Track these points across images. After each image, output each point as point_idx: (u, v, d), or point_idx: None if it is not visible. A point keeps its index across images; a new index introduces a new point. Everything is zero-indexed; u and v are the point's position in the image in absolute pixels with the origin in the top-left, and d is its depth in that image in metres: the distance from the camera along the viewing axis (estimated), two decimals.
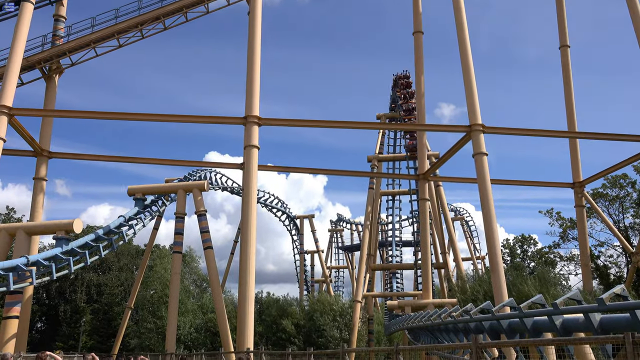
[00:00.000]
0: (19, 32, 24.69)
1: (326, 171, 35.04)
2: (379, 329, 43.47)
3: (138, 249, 67.12)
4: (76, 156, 31.75)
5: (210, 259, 29.81)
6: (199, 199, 30.89)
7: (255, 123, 24.01)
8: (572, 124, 33.05)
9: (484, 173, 23.08)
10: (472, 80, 24.85)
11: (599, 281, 44.36)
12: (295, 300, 51.93)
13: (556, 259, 52.73)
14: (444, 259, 40.21)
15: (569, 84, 34.17)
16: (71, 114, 27.61)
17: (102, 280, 62.94)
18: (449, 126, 30.24)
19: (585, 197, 32.93)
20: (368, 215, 39.05)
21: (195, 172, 40.41)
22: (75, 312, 60.19)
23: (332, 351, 14.86)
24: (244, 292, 22.10)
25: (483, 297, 26.47)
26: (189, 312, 44.50)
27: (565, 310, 9.13)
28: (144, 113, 25.96)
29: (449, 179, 36.57)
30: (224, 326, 27.60)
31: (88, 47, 30.07)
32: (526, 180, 33.82)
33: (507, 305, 11.48)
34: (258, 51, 25.26)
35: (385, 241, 49.91)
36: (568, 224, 49.01)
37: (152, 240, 40.73)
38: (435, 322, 14.99)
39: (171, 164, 30.69)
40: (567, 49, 34.81)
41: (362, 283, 37.74)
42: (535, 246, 57.73)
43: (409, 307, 29.84)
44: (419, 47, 32.07)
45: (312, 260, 68.52)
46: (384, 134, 43.87)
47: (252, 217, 23.14)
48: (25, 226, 25.41)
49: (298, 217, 65.10)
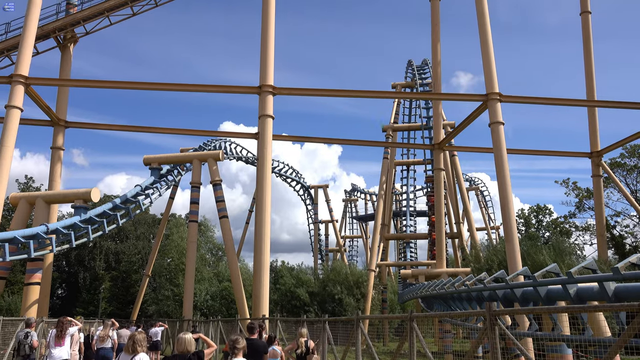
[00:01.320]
0: (33, 1, 24.63)
1: (341, 141, 34.87)
2: (393, 298, 43.93)
3: (154, 218, 68.07)
4: (92, 126, 32.02)
5: (225, 228, 30.15)
6: (214, 168, 31.08)
7: (270, 92, 23.90)
8: (591, 93, 32.42)
9: (500, 142, 22.85)
10: (490, 48, 24.37)
11: (614, 251, 44.15)
12: (310, 269, 52.50)
13: (571, 228, 52.48)
14: (458, 228, 40.25)
15: (589, 51, 33.39)
16: (87, 83, 27.72)
17: (120, 248, 64.12)
18: (465, 95, 29.85)
19: (602, 166, 32.53)
20: (382, 185, 39.04)
21: (210, 142, 40.57)
22: (95, 279, 61.62)
23: (346, 318, 15.10)
24: (259, 261, 22.39)
25: (497, 267, 26.57)
26: (205, 280, 45.29)
27: (580, 279, 9.16)
28: (158, 82, 25.90)
29: (465, 148, 36.27)
30: (239, 294, 28.08)
31: (102, 16, 29.97)
32: (543, 150, 33.43)
33: (521, 274, 11.52)
34: (272, 19, 24.96)
35: (399, 211, 50.02)
36: (584, 193, 48.59)
37: (168, 209, 41.22)
38: (449, 290, 15.13)
39: (186, 133, 30.78)
40: (588, 15, 33.89)
41: (376, 252, 38.00)
42: (551, 216, 57.43)
43: (422, 276, 30.05)
44: (436, 13, 31.46)
45: (326, 230, 69.06)
46: (399, 104, 43.47)
47: (267, 187, 23.26)
48: (44, 195, 25.85)
49: (312, 187, 65.32)
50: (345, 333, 14.12)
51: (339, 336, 14.70)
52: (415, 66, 42.72)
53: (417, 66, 42.91)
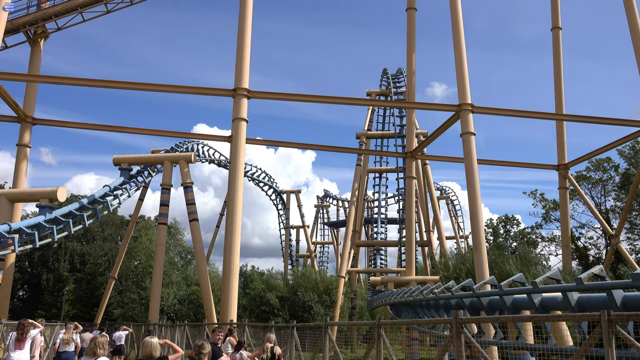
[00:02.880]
0: None
1: (314, 146, 34.86)
2: (362, 304, 44.07)
3: (123, 220, 66.89)
4: (61, 123, 31.25)
5: (195, 231, 29.81)
6: (186, 170, 30.74)
7: (245, 95, 23.79)
8: (559, 106, 33.26)
9: (471, 152, 23.19)
10: (463, 59, 24.77)
11: (579, 262, 45.28)
12: (280, 274, 52.27)
13: (538, 239, 53.64)
14: (428, 237, 40.70)
15: (559, 66, 34.28)
16: (57, 80, 27.08)
17: (85, 249, 62.78)
18: (438, 105, 30.27)
19: (569, 179, 33.35)
20: (355, 191, 39.22)
21: (182, 144, 40.14)
22: (58, 281, 60.14)
23: (314, 324, 15.07)
24: (229, 265, 22.19)
25: (465, 275, 26.95)
26: (173, 283, 44.65)
27: (545, 289, 9.35)
28: (131, 82, 25.48)
29: (437, 157, 36.76)
30: (207, 298, 27.76)
31: (75, 12, 29.40)
32: (512, 161, 34.06)
33: (488, 283, 11.69)
34: (249, 22, 24.88)
35: (370, 218, 50.30)
36: (551, 205, 49.77)
37: (137, 210, 40.59)
38: (417, 298, 15.25)
39: (158, 134, 30.35)
40: (559, 31, 34.80)
41: (347, 259, 38.11)
42: (518, 226, 58.60)
43: (391, 283, 30.24)
44: (412, 23, 31.86)
45: (297, 235, 68.92)
46: (374, 111, 43.83)
47: (238, 191, 23.11)
48: (8, 193, 25.14)
49: (285, 192, 65.20)
50: (313, 339, 14.09)
51: (306, 342, 14.67)
52: (390, 75, 43.15)
53: (392, 75, 43.35)
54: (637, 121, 27.76)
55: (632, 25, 27.59)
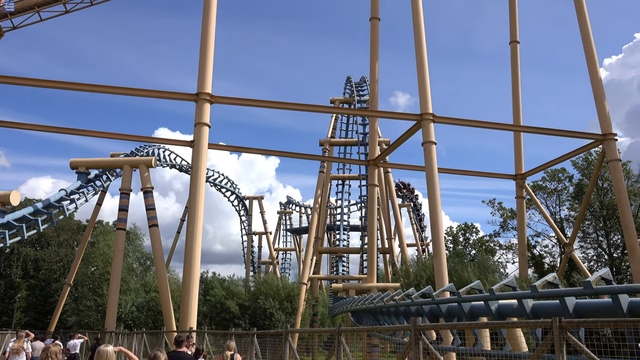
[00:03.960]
0: None
1: (278, 152, 34.78)
2: (324, 311, 44.06)
3: (80, 225, 64.99)
4: (16, 125, 30.09)
5: (155, 237, 29.26)
6: (146, 175, 30.17)
7: (207, 100, 23.55)
8: (517, 118, 34.21)
9: (432, 161, 23.57)
10: (425, 69, 25.21)
11: (534, 269, 46.50)
12: (241, 281, 51.76)
13: (496, 247, 54.79)
14: (389, 244, 41.10)
15: (517, 78, 35.29)
16: (11, 80, 26.12)
17: (39, 255, 60.71)
18: (400, 114, 30.71)
19: (525, 188, 34.29)
20: (317, 198, 39.31)
21: (143, 148, 39.40)
22: (10, 287, 57.89)
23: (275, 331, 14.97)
24: (189, 271, 21.84)
25: (426, 282, 27.25)
26: (131, 290, 43.61)
27: (501, 296, 9.54)
28: (91, 84, 24.89)
29: (399, 166, 37.18)
30: (167, 305, 27.25)
31: (32, 11, 28.59)
32: (471, 171, 34.81)
33: (447, 290, 11.88)
34: (212, 27, 24.68)
35: (333, 225, 50.46)
36: (508, 214, 50.96)
37: (94, 215, 39.58)
38: (378, 305, 15.33)
39: (118, 137, 29.64)
40: (517, 44, 35.84)
41: (309, 265, 38.09)
42: (477, 234, 59.76)
43: (353, 290, 30.37)
44: (375, 33, 32.24)
45: (259, 242, 68.52)
46: (337, 119, 44.08)
47: (199, 196, 22.81)
48: None
49: (247, 197, 64.80)
50: (274, 347, 13.98)
51: (267, 350, 14.54)
52: (353, 83, 43.55)
53: (355, 83, 43.75)
54: (590, 134, 28.83)
55: (585, 41, 28.70)
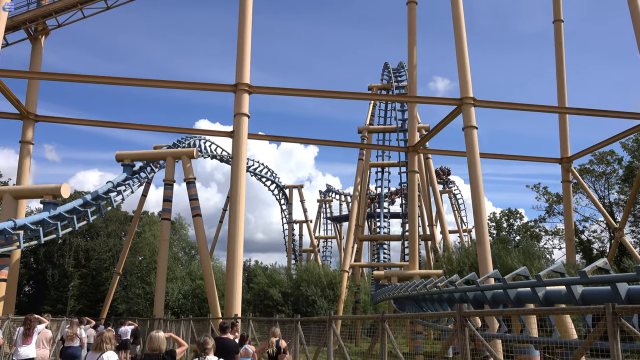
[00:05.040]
0: None
1: (316, 141, 34.86)
2: (365, 299, 44.13)
3: (126, 215, 67.06)
4: (63, 120, 31.25)
5: (199, 227, 29.85)
6: (188, 166, 30.74)
7: (246, 91, 23.74)
8: (562, 100, 33.11)
9: (474, 146, 23.13)
10: (465, 52, 24.66)
11: (582, 255, 45.25)
12: (283, 269, 52.36)
13: (541, 233, 53.57)
14: (431, 231, 40.66)
15: (561, 59, 34.10)
16: (58, 77, 27.03)
17: (90, 245, 62.98)
18: (440, 98, 30.17)
19: (572, 172, 33.24)
20: (357, 186, 39.19)
21: (184, 139, 40.12)
22: (64, 276, 60.38)
23: (318, 318, 15.10)
24: (233, 260, 22.22)
25: (469, 269, 26.92)
26: (177, 278, 44.77)
27: (549, 282, 9.31)
28: (133, 78, 25.47)
29: (439, 151, 36.62)
30: (212, 293, 27.83)
31: (75, 8, 29.35)
32: (515, 155, 33.97)
33: (491, 276, 11.67)
34: (249, 17, 24.80)
35: (373, 212, 50.27)
36: (554, 198, 49.68)
37: (140, 206, 40.64)
38: (421, 291, 15.24)
39: (160, 130, 30.36)
40: (561, 23, 34.61)
41: (350, 253, 38.12)
42: (521, 220, 58.51)
43: (395, 278, 30.25)
44: (413, 17, 31.70)
45: (300, 230, 68.98)
46: (375, 105, 43.70)
47: (241, 186, 23.10)
48: (12, 190, 25.19)
49: (287, 186, 65.19)
50: (318, 333, 14.11)
51: (311, 336, 14.69)
52: (391, 69, 42.99)
53: (393, 69, 43.19)
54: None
55: (635, 20, 27.42)
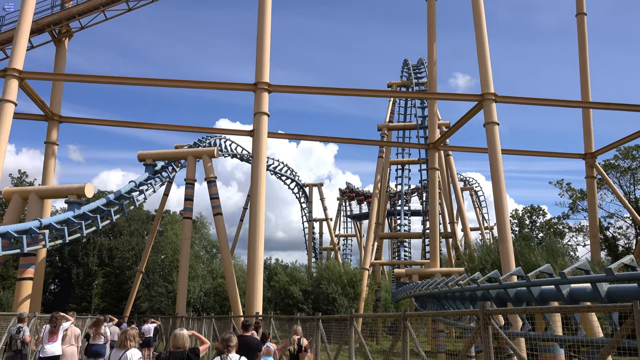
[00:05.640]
0: None
1: (336, 139, 34.83)
2: (386, 297, 44.01)
3: (149, 214, 67.86)
4: (87, 121, 31.80)
5: (219, 225, 30.07)
6: (209, 165, 30.99)
7: (265, 90, 23.83)
8: (585, 94, 32.52)
9: (495, 143, 22.87)
10: (486, 48, 24.40)
11: (607, 252, 44.43)
12: (304, 267, 52.50)
13: (565, 229, 52.76)
14: (452, 228, 40.34)
15: (584, 52, 33.49)
16: (82, 78, 27.50)
17: (113, 244, 63.91)
18: (461, 95, 29.91)
19: (596, 168, 32.64)
20: (377, 184, 39.07)
21: (205, 139, 40.44)
22: (88, 275, 61.38)
23: (340, 316, 15.09)
24: (253, 258, 22.35)
25: (490, 267, 26.62)
26: (199, 276, 45.18)
27: (573, 279, 9.17)
28: (154, 78, 25.79)
29: (460, 148, 36.31)
30: (233, 291, 28.03)
31: (97, 10, 29.78)
32: (537, 151, 33.49)
33: (514, 274, 11.53)
34: (268, 16, 24.88)
35: (393, 210, 50.09)
36: (578, 195, 48.87)
37: (162, 205, 41.09)
38: (443, 289, 15.14)
39: (181, 129, 30.68)
40: (584, 16, 33.99)
41: (370, 251, 38.03)
42: (544, 217, 57.68)
43: (416, 275, 30.11)
44: (432, 13, 31.47)
45: (320, 228, 69.03)
46: (395, 103, 43.50)
47: (261, 184, 23.21)
48: (38, 190, 25.68)
49: (307, 185, 65.27)
50: (339, 331, 14.11)
51: (332, 334, 14.69)
52: (411, 65, 42.76)
53: (412, 65, 42.95)
54: None
55: None
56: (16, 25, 24.52)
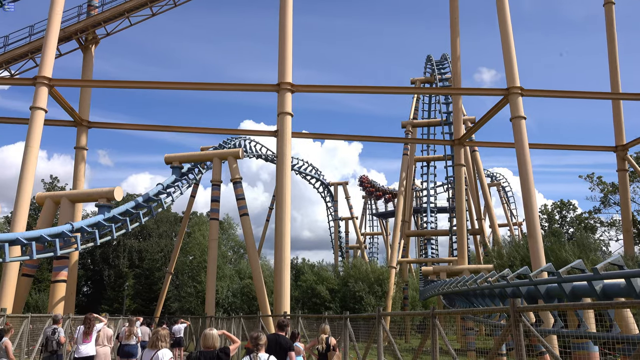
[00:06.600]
0: (55, 3, 24.98)
1: (360, 137, 34.89)
2: (414, 295, 43.71)
3: (176, 216, 68.75)
4: (114, 125, 32.43)
5: (246, 226, 30.26)
6: (234, 166, 31.22)
7: (289, 90, 23.91)
8: (615, 85, 31.76)
9: (522, 137, 22.52)
10: (510, 41, 24.03)
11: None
12: (330, 266, 52.50)
13: (596, 224, 51.58)
14: (479, 224, 39.86)
15: (613, 43, 32.69)
16: (108, 84, 28.06)
17: (142, 246, 64.91)
18: (485, 89, 29.53)
19: (628, 160, 31.84)
20: (402, 181, 38.82)
21: (230, 140, 40.72)
22: (119, 276, 62.49)
23: (368, 315, 15.06)
24: (280, 258, 22.45)
25: (520, 263, 26.23)
26: (227, 277, 45.59)
27: (606, 275, 8.95)
28: (178, 82, 26.13)
29: (486, 143, 35.84)
30: (261, 291, 28.20)
31: (122, 17, 30.30)
32: (566, 145, 32.84)
33: (545, 270, 11.33)
34: (290, 17, 24.95)
35: (419, 207, 49.71)
36: (609, 188, 47.70)
37: (189, 207, 41.55)
38: (472, 287, 14.97)
39: (207, 132, 31.04)
40: (612, 5, 33.18)
41: (397, 249, 37.81)
42: (575, 212, 56.51)
43: (444, 273, 29.84)
44: (455, 8, 31.15)
45: (346, 227, 68.89)
46: (419, 99, 43.14)
47: (286, 184, 23.29)
48: (69, 194, 26.26)
49: (332, 184, 65.20)
50: (367, 330, 14.07)
51: (360, 333, 14.65)
52: (434, 61, 42.34)
53: (436, 61, 42.53)
54: None
55: None
56: (44, 34, 25.12)
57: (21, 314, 20.81)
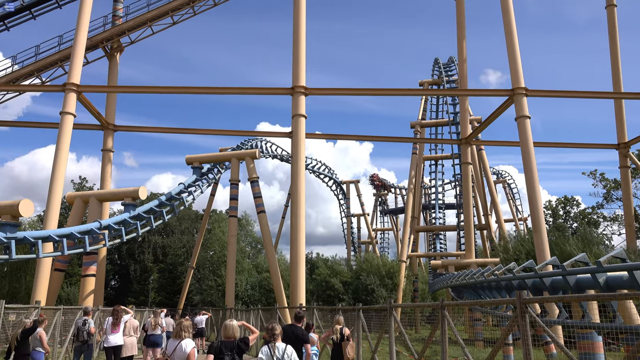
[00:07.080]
0: (82, 14, 25.27)
1: (371, 138, 34.82)
2: (424, 287, 43.53)
3: (197, 214, 69.21)
4: (138, 129, 32.74)
5: (263, 222, 30.37)
6: (251, 166, 31.34)
7: (302, 93, 23.93)
8: (617, 85, 31.32)
9: (527, 136, 22.31)
10: (515, 42, 23.80)
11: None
12: (343, 260, 52.49)
13: (599, 219, 50.91)
14: (486, 220, 39.57)
15: (615, 44, 32.24)
16: (133, 89, 28.30)
17: (166, 242, 65.46)
18: (491, 90, 29.30)
19: (630, 157, 31.40)
20: (412, 179, 38.67)
21: (247, 141, 40.86)
22: (144, 271, 63.09)
23: (379, 306, 15.02)
24: (296, 253, 22.51)
25: (525, 257, 25.99)
26: (245, 271, 45.79)
27: (610, 267, 8.84)
28: (199, 86, 26.36)
29: (492, 142, 35.59)
30: (277, 284, 28.29)
31: (145, 26, 30.56)
32: (569, 143, 32.52)
33: (549, 263, 11.22)
34: (303, 22, 24.97)
35: (428, 204, 49.48)
36: (612, 184, 47.06)
37: (209, 205, 41.80)
38: (479, 279, 14.87)
39: (225, 134, 31.24)
40: (614, 8, 32.73)
41: (407, 244, 37.69)
42: (578, 207, 55.80)
43: (452, 267, 29.68)
44: (461, 11, 30.93)
45: (358, 223, 68.85)
46: (427, 100, 42.92)
47: (301, 183, 23.34)
48: (97, 194, 26.58)
49: (344, 182, 65.17)
50: (379, 321, 14.04)
51: (372, 324, 14.63)
52: (441, 64, 42.10)
53: (443, 64, 42.28)
54: None
55: None
56: (72, 43, 25.41)
57: (54, 306, 21.10)
